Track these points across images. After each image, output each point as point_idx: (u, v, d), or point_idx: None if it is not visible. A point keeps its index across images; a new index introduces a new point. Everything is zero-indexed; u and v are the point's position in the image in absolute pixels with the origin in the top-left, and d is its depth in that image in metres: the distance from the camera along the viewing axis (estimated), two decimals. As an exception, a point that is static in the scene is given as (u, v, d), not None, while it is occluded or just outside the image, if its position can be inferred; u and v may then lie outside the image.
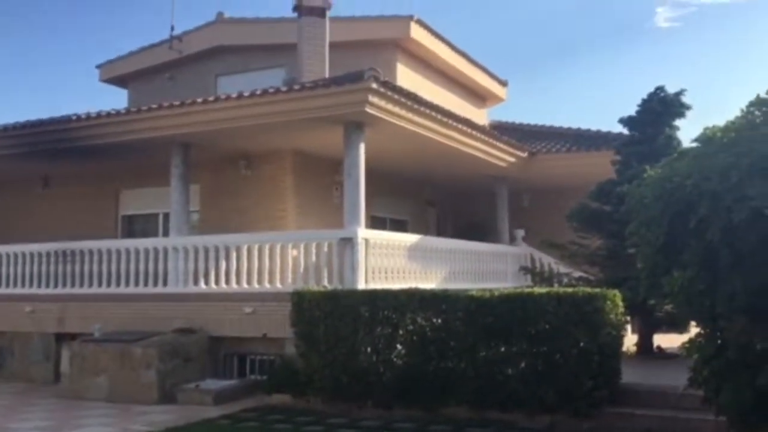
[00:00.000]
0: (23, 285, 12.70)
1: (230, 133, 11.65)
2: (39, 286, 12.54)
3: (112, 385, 10.19)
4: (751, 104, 5.83)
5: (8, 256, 12.93)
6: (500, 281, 14.13)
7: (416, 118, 11.43)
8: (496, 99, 20.63)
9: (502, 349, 8.33)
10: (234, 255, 11.16)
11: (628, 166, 12.01)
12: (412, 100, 11.09)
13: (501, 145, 14.55)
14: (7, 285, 12.85)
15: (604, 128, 16.78)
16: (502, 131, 16.63)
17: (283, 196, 13.09)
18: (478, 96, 19.76)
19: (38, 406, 9.87)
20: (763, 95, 5.76)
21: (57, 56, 55.63)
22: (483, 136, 13.74)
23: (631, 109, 12.63)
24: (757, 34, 41.50)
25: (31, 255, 12.69)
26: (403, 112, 11.04)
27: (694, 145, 6.34)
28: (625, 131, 12.95)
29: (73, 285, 12.25)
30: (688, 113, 12.35)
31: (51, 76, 57.06)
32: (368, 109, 10.34)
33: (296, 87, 10.81)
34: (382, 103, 10.50)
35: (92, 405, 9.84)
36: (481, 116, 19.28)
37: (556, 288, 10.39)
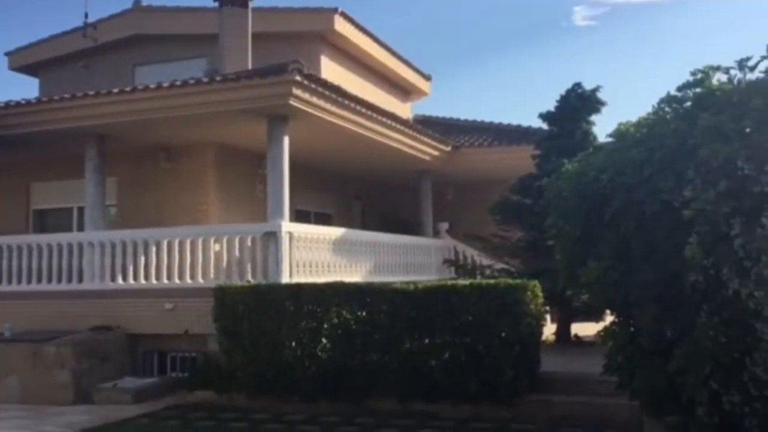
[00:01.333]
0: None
1: (149, 125, 11.33)
2: (-57, 284, 11.89)
3: (25, 386, 9.78)
4: (662, 101, 6.06)
5: None
6: (425, 274, 14.28)
7: (340, 111, 11.40)
8: (420, 93, 20.80)
9: (426, 341, 8.42)
10: (153, 250, 10.86)
11: (547, 161, 12.32)
12: (336, 92, 11.05)
13: (425, 139, 14.68)
14: None
15: (525, 123, 17.19)
16: (426, 125, 16.78)
17: (205, 189, 12.82)
18: (402, 90, 19.87)
19: (-57, 411, 9.37)
20: (673, 92, 5.99)
21: (-38, 42, 52.80)
22: (407, 130, 13.83)
23: (551, 105, 12.98)
24: (667, 33, 43.30)
25: (-66, 252, 12.01)
26: (327, 105, 10.98)
27: (609, 140, 6.56)
28: (545, 126, 13.28)
29: (-20, 283, 11.66)
30: (604, 109, 12.77)
31: (-45, 62, 54.01)
32: (292, 102, 10.24)
33: (218, 78, 10.60)
34: (306, 95, 10.41)
35: (4, 407, 9.40)
36: (405, 110, 19.40)
37: (479, 280, 10.57)
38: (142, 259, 10.90)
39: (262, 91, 10.29)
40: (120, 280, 10.96)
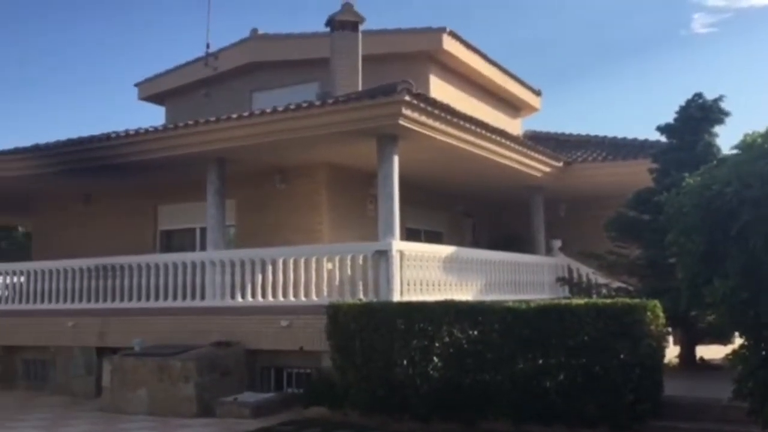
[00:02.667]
0: (65, 300, 12.95)
1: (265, 148, 11.76)
2: (81, 301, 12.78)
3: (152, 398, 10.31)
4: (793, 109, 5.69)
5: (51, 272, 13.20)
6: (537, 292, 13.98)
7: (450, 130, 11.41)
8: (531, 109, 20.51)
9: (540, 361, 8.22)
10: (270, 268, 11.23)
11: (666, 174, 11.82)
12: (445, 111, 11.08)
13: (536, 155, 14.44)
14: (50, 300, 13.11)
15: (641, 136, 16.58)
16: (537, 141, 16.51)
17: (318, 209, 13.16)
18: (512, 106, 19.67)
19: (80, 419, 10.03)
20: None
21: (97, 76, 56.85)
22: (517, 147, 13.66)
23: (669, 117, 12.46)
24: (797, 38, 40.64)
25: (73, 270, 12.94)
26: (436, 124, 11.03)
27: (734, 152, 6.22)
28: (663, 139, 12.75)
29: (113, 299, 12.45)
30: (727, 120, 12.12)
31: (92, 95, 58.28)
32: (401, 122, 10.35)
33: (329, 101, 10.88)
34: (415, 115, 10.50)
35: (133, 418, 9.97)
36: (515, 126, 19.18)
37: (594, 299, 10.24)
38: (260, 277, 11.28)
39: (372, 112, 10.46)
40: (239, 298, 11.39)
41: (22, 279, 13.80)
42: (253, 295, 11.30)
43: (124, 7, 54.85)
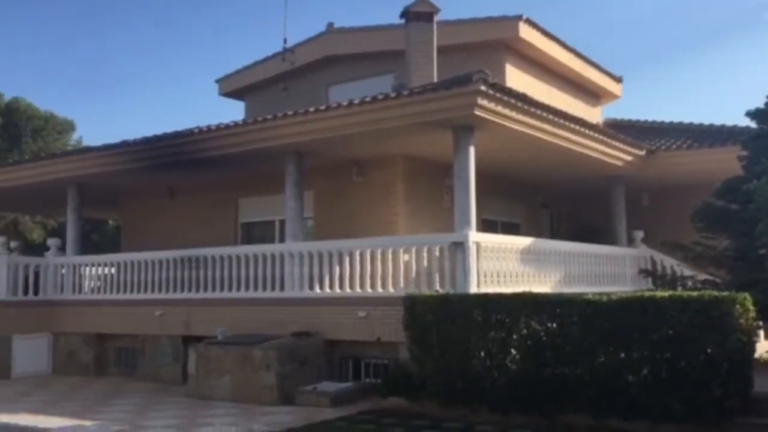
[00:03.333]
0: (153, 290, 13.47)
1: (342, 141, 11.89)
2: (167, 291, 13.26)
3: (235, 385, 10.62)
4: None
5: (139, 263, 13.76)
6: (618, 285, 13.64)
7: (527, 119, 11.24)
8: (611, 96, 19.96)
9: (622, 355, 8.02)
10: (347, 260, 11.36)
11: (756, 162, 11.28)
12: (522, 101, 10.92)
13: (617, 144, 14.05)
14: (139, 290, 13.68)
15: (729, 122, 15.88)
16: (618, 129, 16.06)
17: (394, 201, 13.21)
18: (591, 94, 19.19)
19: (168, 405, 10.44)
20: None
21: (180, 73, 58.66)
22: (597, 135, 13.32)
23: (759, 101, 11.88)
24: None
25: (160, 262, 13.45)
26: (513, 114, 10.88)
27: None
28: (753, 125, 12.19)
29: (197, 290, 12.87)
30: (824, 103, 11.47)
31: (175, 91, 60.22)
32: (477, 112, 10.27)
33: (405, 93, 10.90)
34: (491, 105, 10.39)
35: (217, 405, 10.30)
36: (595, 114, 18.71)
37: (679, 291, 9.91)
38: (337, 268, 11.44)
39: (447, 103, 10.42)
40: (317, 289, 11.58)
41: (113, 270, 14.44)
42: (331, 287, 11.46)
43: (205, 6, 56.37)
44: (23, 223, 29.94)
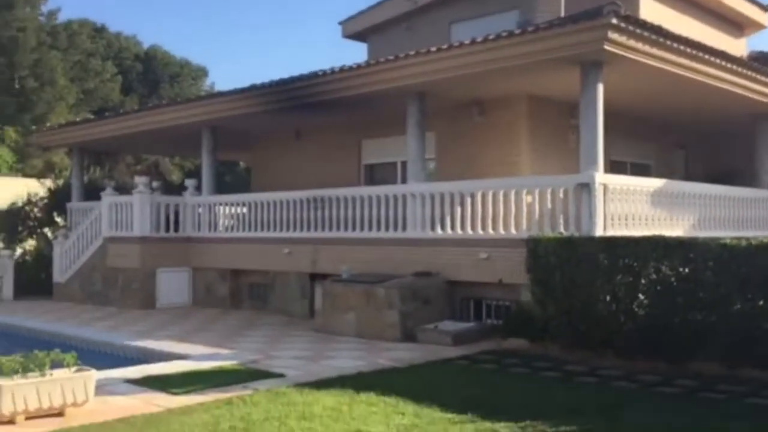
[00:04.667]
0: (282, 229, 14.04)
1: (464, 80, 11.70)
2: (295, 230, 13.79)
3: (360, 322, 10.99)
4: None
5: (269, 203, 14.35)
6: (760, 230, 12.83)
7: (662, 54, 10.58)
8: (756, 26, 18.36)
9: (761, 302, 7.59)
10: (469, 201, 11.33)
11: None
12: (656, 33, 10.27)
13: (763, 78, 12.99)
14: (269, 229, 14.29)
15: None
16: (764, 62, 14.80)
17: (517, 141, 12.95)
18: (734, 24, 17.74)
19: (297, 338, 10.97)
20: None
21: (304, 16, 59.42)
22: (741, 69, 12.35)
23: None
24: None
25: (288, 202, 13.96)
26: (646, 48, 10.27)
27: None
28: None
29: (323, 229, 13.29)
30: None
31: (300, 35, 61.17)
32: (607, 47, 9.77)
33: (530, 29, 10.51)
34: (623, 39, 9.85)
35: (342, 339, 10.71)
36: (738, 47, 17.32)
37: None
38: (459, 210, 11.43)
39: (575, 38, 9.96)
40: (439, 230, 11.65)
41: (244, 209, 15.16)
42: (453, 228, 11.49)
43: (327, -53, 56.33)
44: (163, 165, 31.83)
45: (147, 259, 15.09)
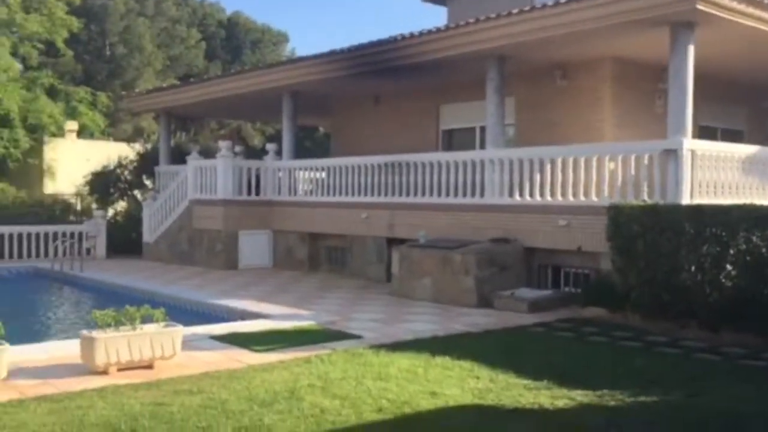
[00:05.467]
0: (359, 194, 14.18)
1: (546, 44, 11.41)
2: (372, 195, 13.89)
3: (435, 287, 11.04)
4: None
5: (347, 168, 14.49)
6: None
7: (759, 13, 10.00)
8: None
9: None
10: (549, 167, 11.13)
11: None
12: (754, -9, 9.71)
13: None
14: (347, 193, 14.46)
15: None
16: None
17: (600, 106, 12.58)
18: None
19: (373, 301, 11.13)
20: None
21: (383, -19, 59.01)
22: None
23: None
24: None
25: (365, 167, 14.06)
26: (741, 7, 9.73)
27: None
28: None
29: (400, 194, 13.34)
30: None
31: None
32: (700, 6, 9.31)
33: (617, -12, 10.12)
34: (717, -3, 9.37)
35: (418, 304, 10.80)
36: None
37: None
38: (538, 176, 11.25)
39: (665, -3, 9.55)
40: (517, 196, 11.51)
41: (323, 174, 15.37)
42: (531, 194, 11.34)
43: None
44: (245, 130, 32.53)
45: (230, 221, 15.55)
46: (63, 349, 7.26)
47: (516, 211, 11.47)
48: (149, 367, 6.61)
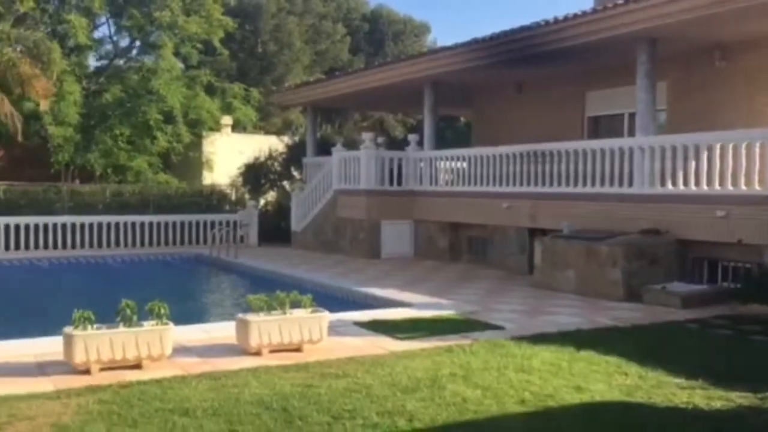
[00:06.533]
0: (501, 184, 14.01)
1: (702, 22, 10.71)
2: (514, 184, 13.69)
3: (580, 279, 10.73)
4: None
5: (488, 157, 14.36)
6: None
7: None
8: None
9: None
10: (705, 155, 10.46)
11: None
12: None
13: None
14: (488, 183, 14.35)
15: None
16: None
17: (764, 89, 11.65)
18: None
19: (514, 292, 11.00)
20: None
21: (526, -34, 57.87)
22: None
23: None
24: None
25: (507, 156, 13.87)
26: None
27: None
28: None
29: (543, 184, 13.05)
30: None
31: (521, -14, 59.68)
32: None
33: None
34: None
35: (561, 296, 10.55)
36: None
37: None
38: (693, 164, 10.62)
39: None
40: (669, 185, 10.93)
41: (464, 164, 15.34)
42: (685, 183, 10.72)
43: None
44: (387, 122, 33.06)
45: (372, 210, 15.90)
46: (220, 330, 7.75)
47: (667, 201, 10.89)
48: (298, 350, 6.92)
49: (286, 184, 21.82)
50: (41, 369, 6.24)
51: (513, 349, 7.01)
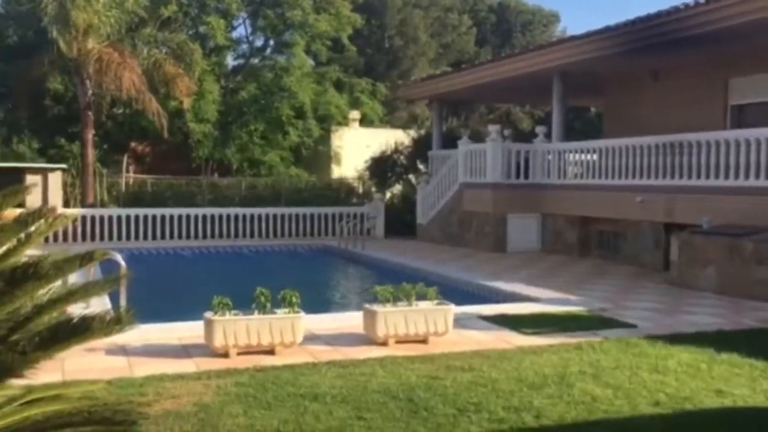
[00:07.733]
0: (634, 176, 13.44)
1: None
2: (648, 177, 13.09)
3: (720, 277, 10.12)
4: None
5: (620, 149, 13.81)
6: None
7: None
8: None
9: None
10: None
11: None
12: None
13: None
14: (620, 176, 13.80)
15: None
16: None
17: None
18: None
19: (648, 290, 10.54)
20: None
21: (663, -53, 54.90)
22: None
23: None
24: None
25: (641, 148, 13.27)
26: None
27: None
28: None
29: (681, 177, 12.39)
30: None
31: (657, -31, 56.79)
32: None
33: None
34: None
35: (699, 294, 10.00)
36: None
37: None
38: None
39: None
40: (825, 178, 10.07)
41: (594, 156, 14.83)
42: (844, 175, 9.85)
43: None
44: (514, 114, 32.53)
45: (498, 204, 15.72)
46: (348, 320, 7.94)
47: (823, 195, 10.05)
48: (423, 341, 6.97)
49: (411, 177, 21.99)
50: (186, 351, 6.65)
51: (647, 349, 6.72)
